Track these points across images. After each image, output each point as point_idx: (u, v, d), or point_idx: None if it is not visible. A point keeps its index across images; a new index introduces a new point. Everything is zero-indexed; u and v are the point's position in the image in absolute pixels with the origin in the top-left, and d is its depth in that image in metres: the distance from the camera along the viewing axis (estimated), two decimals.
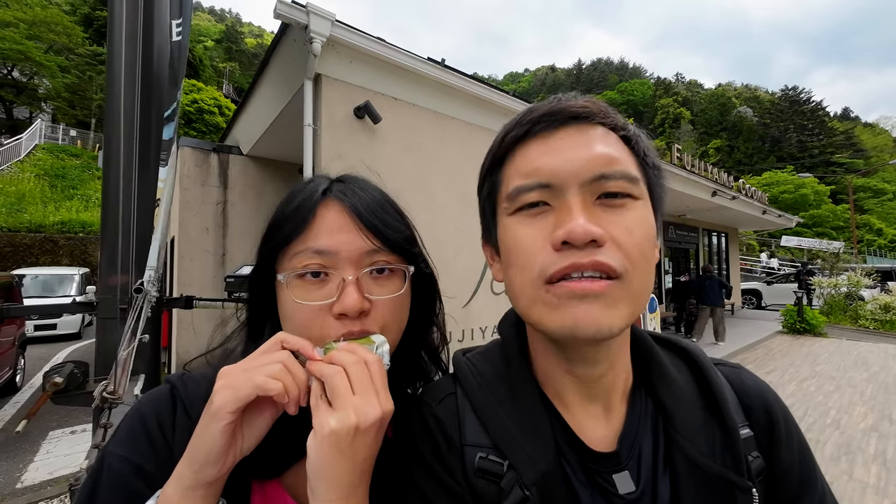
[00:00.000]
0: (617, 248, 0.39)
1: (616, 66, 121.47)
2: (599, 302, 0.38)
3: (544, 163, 0.42)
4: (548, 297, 0.40)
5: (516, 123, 0.46)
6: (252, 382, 0.40)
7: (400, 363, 0.59)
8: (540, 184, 0.42)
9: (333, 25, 3.12)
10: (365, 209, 0.51)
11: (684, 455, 0.44)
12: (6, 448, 3.96)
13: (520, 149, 0.45)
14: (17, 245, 12.70)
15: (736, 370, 0.54)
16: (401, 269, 0.53)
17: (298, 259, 0.49)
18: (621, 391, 0.49)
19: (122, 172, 1.69)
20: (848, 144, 62.01)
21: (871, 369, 6.42)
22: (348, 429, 0.38)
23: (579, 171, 0.41)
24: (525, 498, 0.42)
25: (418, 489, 0.46)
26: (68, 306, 2.15)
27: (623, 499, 0.44)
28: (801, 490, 0.47)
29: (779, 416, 0.50)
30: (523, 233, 0.43)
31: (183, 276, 4.97)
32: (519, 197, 0.43)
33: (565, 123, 0.43)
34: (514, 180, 0.44)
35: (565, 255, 0.39)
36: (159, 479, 0.42)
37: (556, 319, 0.40)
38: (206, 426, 0.40)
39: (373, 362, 0.43)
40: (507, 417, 0.47)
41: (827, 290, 12.33)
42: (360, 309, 0.48)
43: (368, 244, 0.50)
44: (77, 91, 23.51)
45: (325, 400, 0.41)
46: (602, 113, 0.44)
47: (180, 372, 0.54)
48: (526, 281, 0.42)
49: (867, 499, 2.86)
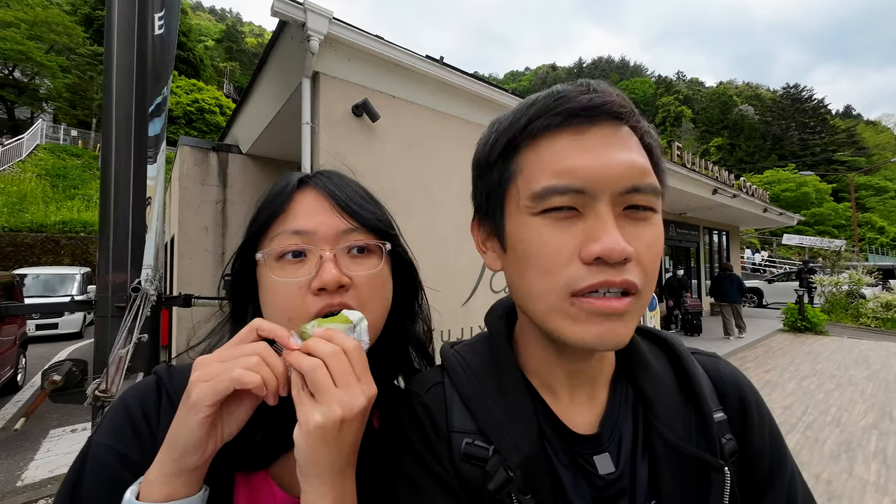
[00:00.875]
0: (638, 265, 0.40)
1: (617, 65, 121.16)
2: (621, 319, 0.39)
3: (580, 164, 0.39)
4: (572, 310, 0.40)
5: (547, 109, 0.41)
6: (228, 376, 0.39)
7: (388, 356, 0.59)
8: (574, 188, 0.39)
9: (331, 23, 3.12)
10: (342, 193, 0.54)
11: (663, 439, 0.46)
12: (7, 446, 3.97)
13: (548, 140, 0.41)
14: (18, 245, 12.74)
15: (712, 359, 0.56)
16: (377, 244, 0.54)
17: (278, 240, 0.50)
18: (604, 378, 0.51)
19: (113, 171, 1.69)
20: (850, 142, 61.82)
21: (871, 367, 6.41)
22: (334, 422, 0.39)
23: (616, 181, 0.39)
24: (509, 479, 0.43)
25: (408, 477, 0.47)
26: (67, 305, 2.16)
27: (603, 479, 0.45)
28: (771, 472, 0.49)
29: (751, 401, 0.51)
30: (550, 238, 0.40)
31: (182, 274, 4.97)
32: (548, 198, 0.40)
33: (602, 121, 0.41)
34: (543, 178, 0.41)
35: (595, 271, 0.38)
36: (143, 467, 0.42)
37: (577, 332, 0.40)
38: (185, 418, 0.40)
39: (352, 349, 0.42)
40: (494, 405, 0.48)
41: (828, 288, 12.30)
42: (338, 282, 0.48)
43: (344, 223, 0.52)
44: (78, 91, 23.55)
45: (308, 392, 0.41)
46: (634, 114, 0.42)
47: (166, 364, 0.55)
48: (548, 288, 0.41)
49: (867, 496, 2.85)
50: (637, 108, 0.43)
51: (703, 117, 76.82)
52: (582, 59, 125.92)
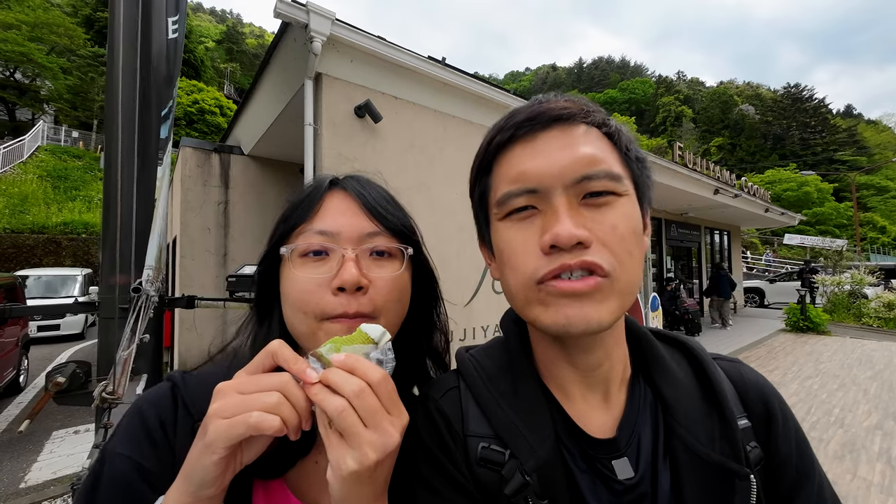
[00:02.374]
0: (603, 247, 0.41)
1: (617, 65, 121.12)
2: (589, 299, 0.41)
3: (529, 167, 0.43)
4: (541, 297, 0.42)
5: (500, 129, 0.46)
6: (245, 422, 0.37)
7: (406, 368, 0.59)
8: (526, 189, 0.43)
9: (334, 24, 3.12)
10: (369, 197, 0.54)
11: (684, 444, 0.45)
12: (10, 448, 3.97)
13: (505, 154, 0.46)
14: (20, 246, 12.76)
15: (735, 364, 0.55)
16: (399, 248, 0.54)
17: (303, 238, 0.52)
18: (619, 380, 0.51)
19: (120, 172, 1.69)
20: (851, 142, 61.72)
21: (875, 367, 6.39)
22: (368, 467, 0.37)
23: (563, 174, 0.42)
24: (525, 484, 0.43)
25: (425, 481, 0.47)
26: (70, 306, 2.16)
27: (622, 484, 0.45)
28: (798, 481, 0.47)
29: (776, 408, 0.50)
30: (514, 237, 0.44)
31: (184, 275, 4.97)
32: (507, 203, 0.45)
33: (548, 126, 0.44)
34: (502, 186, 0.45)
35: (554, 257, 0.41)
36: (160, 477, 0.42)
37: (549, 317, 0.42)
38: (200, 455, 0.39)
39: (378, 382, 0.40)
40: (509, 408, 0.48)
41: (830, 288, 12.27)
42: (357, 282, 0.48)
43: (369, 226, 0.52)
44: (79, 92, 23.59)
45: (336, 431, 0.39)
46: (583, 112, 0.45)
47: (181, 370, 0.54)
48: (520, 282, 0.44)
49: (872, 497, 2.84)
50: (592, 106, 0.46)
51: (704, 117, 76.77)
52: (582, 60, 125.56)
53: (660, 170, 7.56)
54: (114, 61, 1.76)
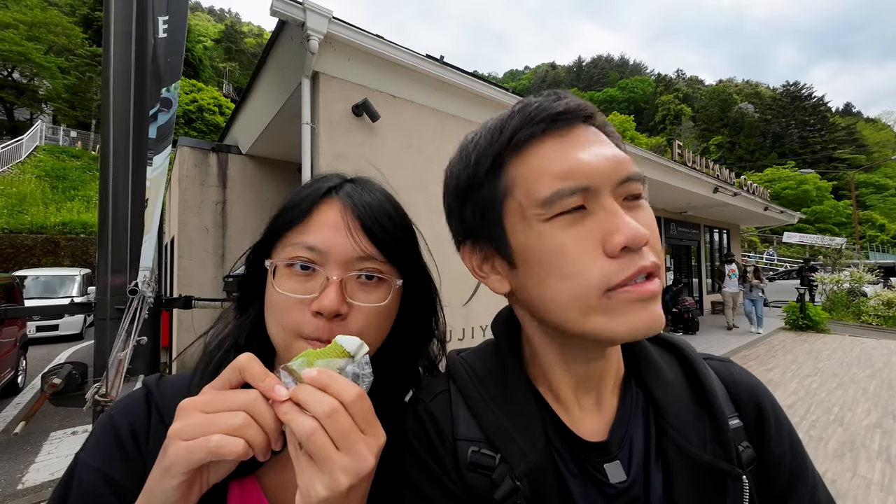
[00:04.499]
0: (651, 248, 0.40)
1: (616, 63, 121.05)
2: (656, 301, 0.40)
3: (580, 163, 0.40)
4: (611, 304, 0.39)
5: (528, 120, 0.42)
6: (204, 447, 0.35)
7: (400, 377, 0.58)
8: (581, 187, 0.39)
9: (331, 22, 3.10)
10: (367, 213, 0.50)
11: (676, 446, 0.44)
12: (8, 449, 3.96)
13: (534, 149, 0.42)
14: (18, 246, 12.73)
15: (726, 364, 0.55)
16: (388, 279, 0.51)
17: (291, 250, 0.49)
18: (612, 383, 0.50)
19: (113, 173, 1.68)
20: (850, 140, 61.78)
21: (874, 366, 6.39)
22: (339, 493, 0.34)
23: (612, 173, 0.40)
24: (516, 488, 0.42)
25: (413, 485, 0.46)
26: (66, 307, 2.15)
27: (614, 487, 0.44)
28: (791, 482, 0.47)
29: (768, 408, 0.50)
30: (566, 240, 0.40)
31: (182, 275, 4.96)
32: (559, 202, 0.40)
33: (578, 122, 0.43)
34: (547, 183, 0.40)
35: (626, 261, 0.38)
36: (131, 491, 0.40)
37: (624, 324, 0.39)
38: (160, 479, 0.36)
39: (352, 401, 0.37)
40: (500, 412, 0.47)
41: (829, 286, 12.28)
42: (335, 311, 0.46)
43: (360, 250, 0.49)
44: (77, 92, 23.54)
45: (306, 453, 0.36)
46: (598, 115, 0.45)
47: (157, 374, 0.53)
48: (579, 291, 0.39)
49: (872, 496, 2.84)
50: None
51: (703, 115, 76.81)
52: (581, 58, 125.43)
53: (659, 168, 7.55)
54: (108, 60, 1.75)
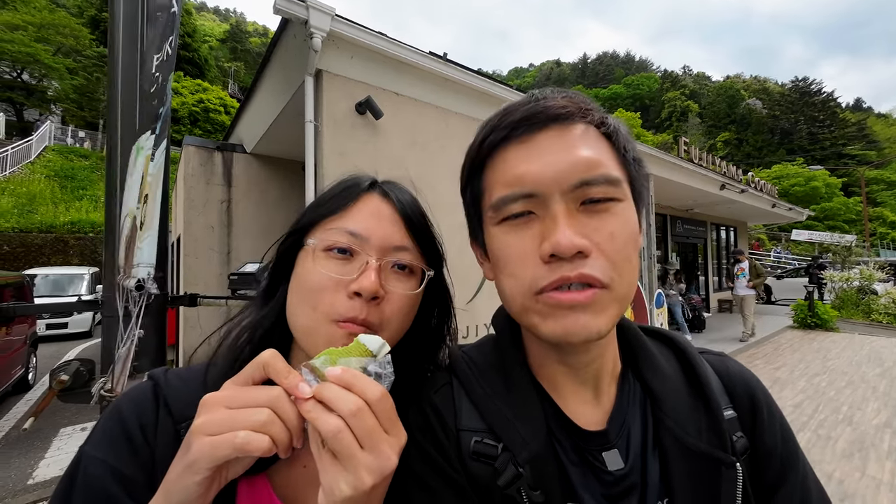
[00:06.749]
0: (602, 256, 0.40)
1: (622, 60, 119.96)
2: (588, 310, 0.40)
3: (526, 171, 0.42)
4: (538, 307, 0.42)
5: (494, 127, 0.45)
6: (231, 443, 0.35)
7: (415, 380, 0.58)
8: (524, 194, 0.42)
9: (334, 20, 3.10)
10: (404, 208, 0.54)
11: (673, 436, 0.46)
12: (18, 445, 4.02)
13: (499, 154, 0.45)
14: (28, 245, 12.90)
15: (721, 358, 0.57)
16: (421, 268, 0.54)
17: (331, 234, 0.51)
18: (610, 375, 0.51)
19: (118, 171, 1.69)
20: (860, 136, 60.80)
21: (884, 364, 6.30)
22: (363, 492, 0.35)
23: (561, 179, 0.41)
24: (518, 475, 0.43)
25: (418, 477, 0.47)
26: (74, 305, 2.18)
27: (612, 475, 0.45)
28: (783, 471, 0.49)
29: (761, 400, 0.52)
30: (510, 244, 0.43)
31: (188, 274, 5.00)
32: (504, 208, 0.43)
33: (545, 125, 0.43)
34: (497, 190, 0.44)
35: (554, 267, 0.40)
36: (138, 483, 0.40)
37: (548, 326, 0.42)
38: (182, 475, 0.36)
39: (376, 400, 0.37)
40: (502, 403, 0.48)
41: (838, 284, 12.12)
42: (374, 292, 0.48)
43: (400, 238, 0.52)
44: (85, 92, 23.75)
45: (329, 451, 0.36)
46: (581, 110, 0.43)
47: (164, 367, 0.53)
48: (517, 290, 0.43)
49: (881, 496, 2.80)
50: (590, 103, 0.45)
51: (710, 112, 75.99)
52: (587, 55, 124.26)
53: (665, 165, 7.48)
54: (114, 61, 1.76)
